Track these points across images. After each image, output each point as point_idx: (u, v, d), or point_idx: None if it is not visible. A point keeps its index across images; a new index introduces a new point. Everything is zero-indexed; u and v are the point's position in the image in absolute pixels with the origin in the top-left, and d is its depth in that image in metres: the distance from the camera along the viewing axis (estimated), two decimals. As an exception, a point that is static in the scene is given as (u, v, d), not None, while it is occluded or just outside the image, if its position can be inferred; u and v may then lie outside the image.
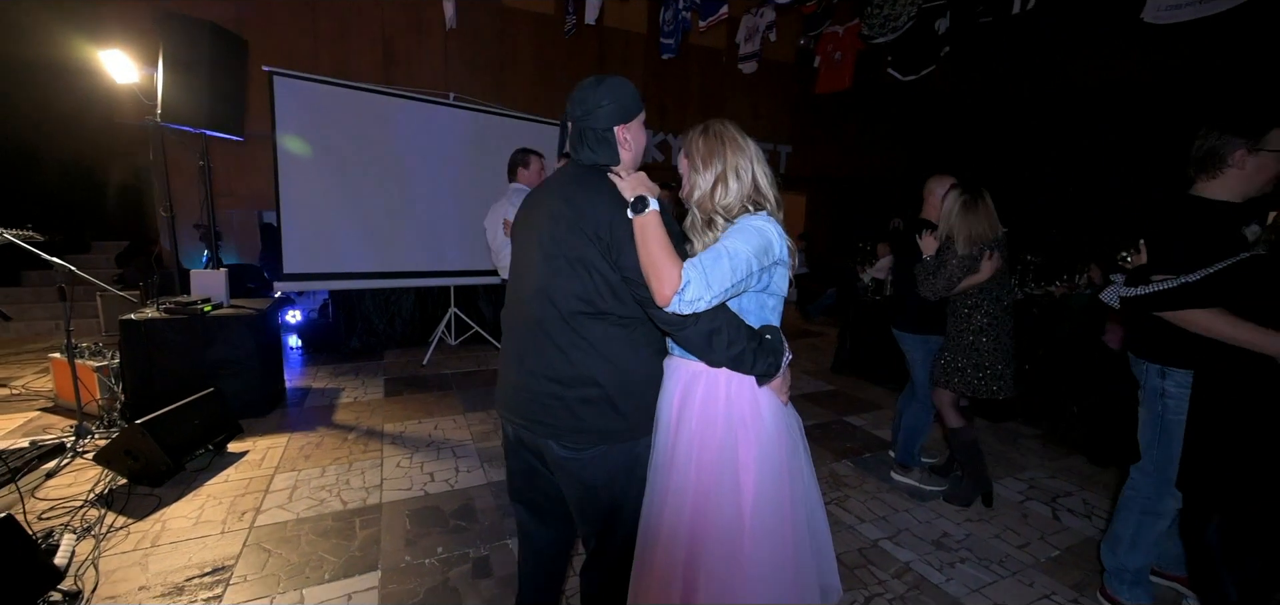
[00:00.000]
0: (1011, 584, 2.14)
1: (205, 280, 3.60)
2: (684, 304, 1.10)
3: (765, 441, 1.22)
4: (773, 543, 1.20)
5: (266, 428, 3.32)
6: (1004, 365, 2.49)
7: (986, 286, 2.48)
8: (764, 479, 1.21)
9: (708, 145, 1.28)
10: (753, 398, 1.23)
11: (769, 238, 1.20)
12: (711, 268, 1.11)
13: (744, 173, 1.27)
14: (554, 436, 1.26)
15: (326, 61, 5.40)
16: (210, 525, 2.30)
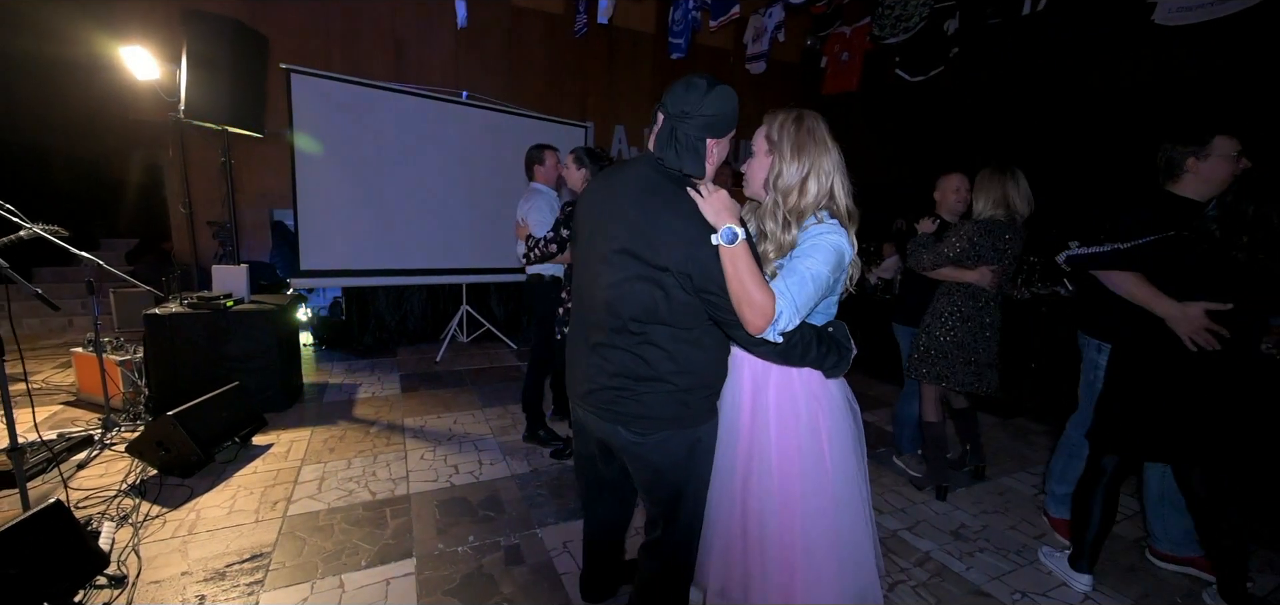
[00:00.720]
0: (1030, 572, 2.19)
1: (227, 275, 3.63)
2: (777, 332, 1.15)
3: (837, 413, 1.34)
4: (852, 511, 1.31)
5: (288, 422, 3.36)
6: (985, 361, 2.53)
7: (972, 288, 2.52)
8: (839, 448, 1.32)
9: (800, 139, 1.28)
10: (826, 388, 1.36)
11: (842, 250, 1.25)
12: (798, 294, 1.18)
13: (825, 176, 1.29)
14: (622, 423, 1.32)
15: (338, 60, 5.42)
16: (244, 514, 2.34)
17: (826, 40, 6.27)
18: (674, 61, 6.18)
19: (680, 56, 6.06)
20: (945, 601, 2.00)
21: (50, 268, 5.64)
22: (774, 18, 6.08)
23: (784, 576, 1.33)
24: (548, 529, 2.33)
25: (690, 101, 1.20)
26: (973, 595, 2.05)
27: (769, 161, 1.31)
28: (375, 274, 4.90)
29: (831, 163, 1.29)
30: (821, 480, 1.31)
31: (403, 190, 4.90)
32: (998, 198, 2.45)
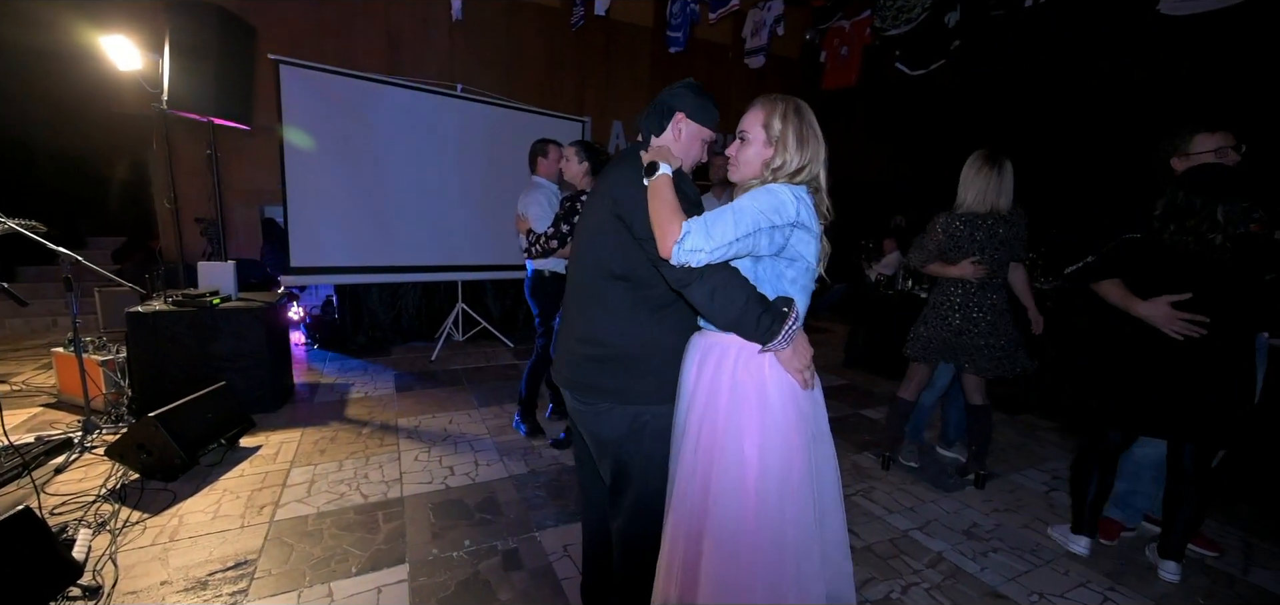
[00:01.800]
0: (1047, 572, 2.12)
1: (213, 272, 3.52)
2: (683, 253, 1.13)
3: (770, 424, 1.19)
4: (775, 527, 1.17)
5: (278, 423, 3.25)
6: (985, 346, 2.50)
7: (987, 281, 2.49)
8: (768, 461, 1.18)
9: (804, 132, 1.26)
10: (761, 377, 1.21)
11: (781, 198, 1.17)
12: (713, 221, 1.14)
13: (817, 165, 1.28)
14: (571, 389, 1.41)
15: (330, 52, 5.30)
16: (229, 519, 2.24)
17: (826, 34, 6.19)
18: (672, 55, 6.09)
19: (679, 50, 5.97)
20: (960, 603, 1.93)
21: (33, 266, 5.50)
22: (773, 11, 6.00)
23: (689, 577, 1.23)
24: (547, 532, 2.25)
25: (671, 87, 1.39)
26: (989, 597, 1.97)
27: (769, 152, 1.28)
28: (368, 271, 4.79)
29: (824, 154, 1.29)
30: (739, 484, 1.18)
31: (396, 186, 4.79)
32: (982, 192, 2.43)
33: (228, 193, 5.41)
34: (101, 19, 3.77)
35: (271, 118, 4.21)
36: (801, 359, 1.21)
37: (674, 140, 1.39)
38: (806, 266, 1.23)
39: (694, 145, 1.40)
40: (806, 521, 1.18)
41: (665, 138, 1.39)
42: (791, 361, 1.20)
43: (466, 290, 5.46)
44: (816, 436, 1.26)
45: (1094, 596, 1.98)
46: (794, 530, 1.17)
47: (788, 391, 1.21)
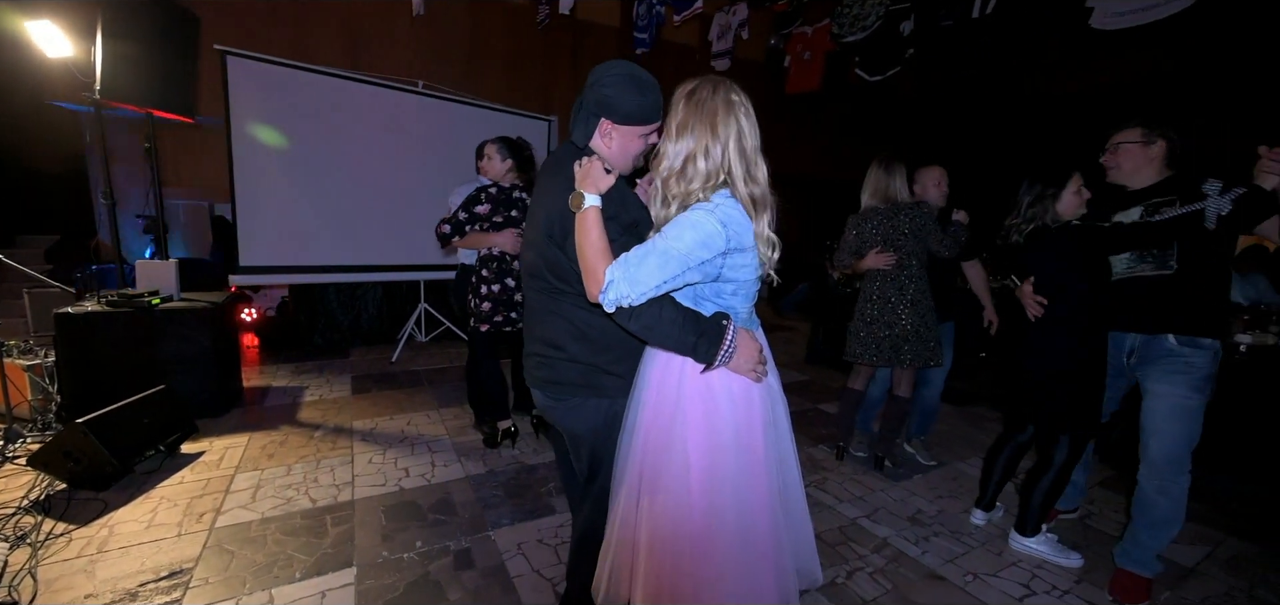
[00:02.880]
0: (981, 553, 2.23)
1: (152, 272, 3.37)
2: (607, 303, 1.09)
3: (717, 419, 1.17)
4: (723, 525, 1.16)
5: (224, 427, 3.13)
6: (903, 334, 2.63)
7: (901, 271, 2.63)
8: (716, 458, 1.16)
9: (686, 114, 1.16)
10: (709, 378, 1.19)
11: (708, 231, 1.09)
12: (636, 268, 1.07)
13: (715, 153, 1.14)
14: (539, 387, 1.40)
15: (284, 44, 5.14)
16: (165, 528, 2.14)
17: (789, 39, 6.32)
18: (639, 56, 6.12)
19: (645, 50, 6.00)
20: (901, 586, 2.00)
21: (-45, 267, 5.14)
22: (738, 16, 6.10)
23: (624, 573, 1.26)
24: (502, 531, 2.23)
25: (597, 74, 1.28)
26: (927, 578, 2.06)
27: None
28: (325, 271, 4.66)
29: (725, 140, 1.14)
30: (683, 486, 1.17)
31: (356, 183, 4.67)
32: (875, 189, 2.66)
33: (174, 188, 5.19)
34: (27, 2, 3.56)
35: (219, 111, 4.05)
36: (747, 360, 1.17)
37: (604, 146, 1.31)
38: (744, 282, 1.20)
39: (629, 146, 1.31)
40: (760, 513, 1.18)
41: (595, 143, 1.31)
42: (739, 366, 1.17)
43: (429, 290, 5.37)
44: (772, 423, 1.26)
45: (1022, 574, 2.09)
46: (745, 524, 1.17)
47: (738, 390, 1.20)
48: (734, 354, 1.15)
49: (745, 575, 1.17)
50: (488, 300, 2.77)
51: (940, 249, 2.59)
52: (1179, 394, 1.85)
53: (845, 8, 5.28)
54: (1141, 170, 1.98)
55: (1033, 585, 2.03)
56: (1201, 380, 1.83)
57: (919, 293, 2.64)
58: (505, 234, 2.71)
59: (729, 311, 1.20)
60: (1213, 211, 1.78)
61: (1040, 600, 1.95)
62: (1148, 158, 1.96)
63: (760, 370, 1.21)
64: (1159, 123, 1.97)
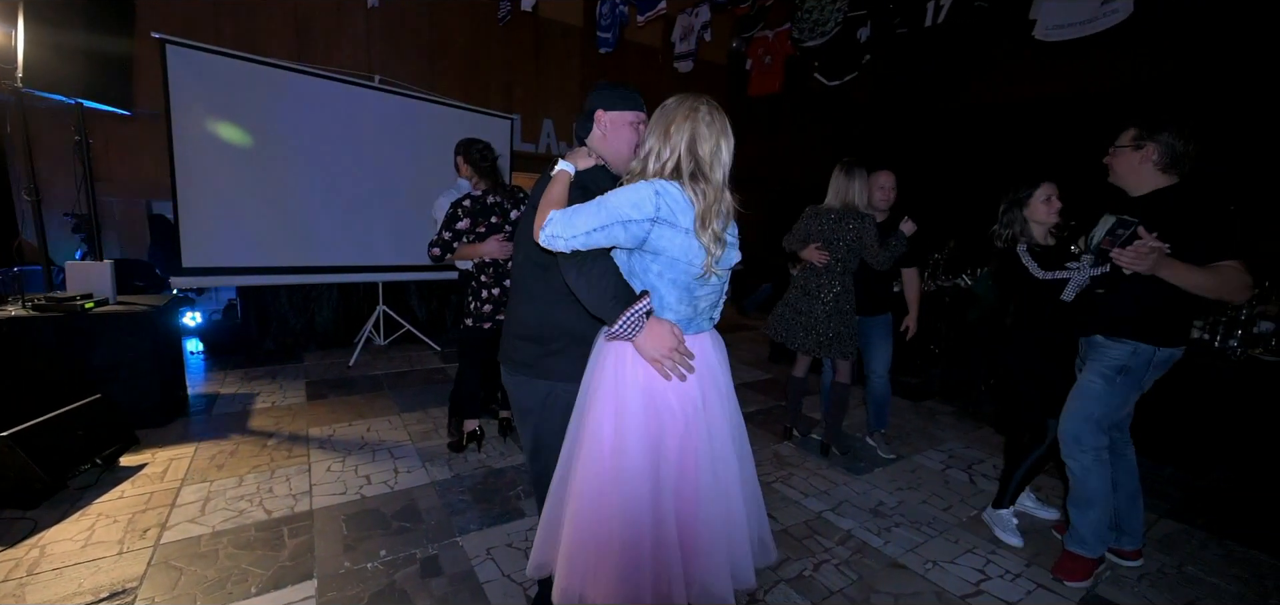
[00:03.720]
0: (940, 542, 2.33)
1: (84, 274, 3.14)
2: (545, 237, 1.21)
3: (623, 410, 1.23)
4: (623, 510, 1.21)
5: (168, 438, 2.96)
6: (826, 332, 2.80)
7: (830, 269, 2.79)
8: (622, 447, 1.22)
9: (655, 120, 1.30)
10: (622, 365, 1.26)
11: (641, 194, 1.18)
12: (573, 215, 1.20)
13: (664, 152, 1.25)
14: (503, 362, 1.56)
15: (230, 34, 4.88)
16: (104, 546, 2.01)
17: (750, 43, 6.43)
18: (602, 56, 6.10)
19: (608, 51, 5.99)
20: (866, 576, 2.07)
21: None
22: (701, 18, 6.16)
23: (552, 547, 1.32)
24: (470, 536, 2.19)
25: (595, 88, 1.51)
26: (890, 568, 2.14)
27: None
28: (276, 272, 4.44)
29: (677, 142, 1.24)
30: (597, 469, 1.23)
31: (308, 181, 4.48)
32: (836, 191, 2.81)
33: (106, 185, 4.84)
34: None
35: (158, 103, 3.82)
36: (656, 348, 1.22)
37: (601, 139, 1.50)
38: (671, 260, 1.23)
39: (621, 134, 1.48)
40: (643, 507, 1.20)
41: (593, 138, 1.51)
42: (645, 349, 1.23)
43: (388, 292, 5.20)
44: (688, 425, 1.25)
45: (978, 559, 2.20)
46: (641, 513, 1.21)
47: (642, 380, 1.25)
48: (641, 331, 1.21)
49: (621, 572, 1.20)
50: (489, 303, 2.77)
51: (875, 261, 2.73)
52: (1086, 376, 2.04)
53: (805, 13, 5.41)
54: (1134, 175, 1.93)
55: (988, 569, 2.14)
56: (1111, 368, 1.99)
57: (841, 296, 2.80)
58: (490, 242, 2.69)
59: (654, 294, 1.26)
60: (1074, 283, 2.03)
61: (995, 583, 2.06)
62: (1139, 162, 1.90)
63: (669, 364, 1.23)
64: (1153, 126, 1.88)
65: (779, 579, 2.02)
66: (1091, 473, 2.02)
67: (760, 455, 3.11)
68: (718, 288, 1.35)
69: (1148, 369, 1.95)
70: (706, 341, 1.35)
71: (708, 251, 1.23)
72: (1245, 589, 2.09)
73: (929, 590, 2.01)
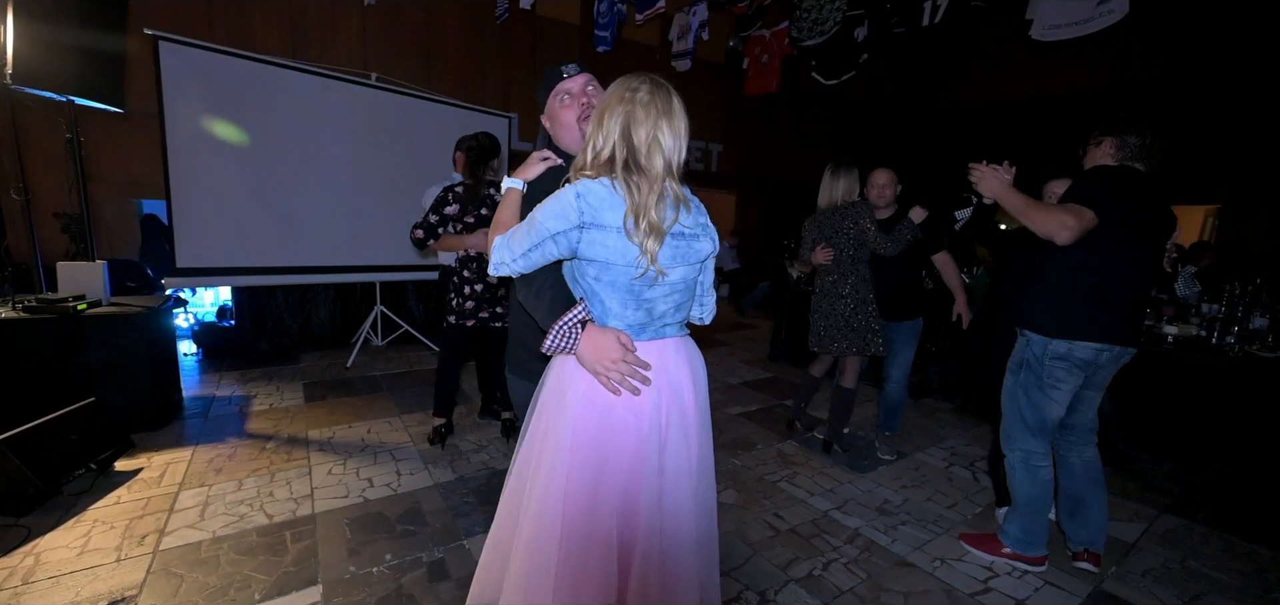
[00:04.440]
0: (946, 540, 2.33)
1: (78, 274, 3.08)
2: (492, 265, 1.20)
3: (563, 426, 1.13)
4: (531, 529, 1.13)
5: (164, 441, 2.91)
6: (844, 326, 2.84)
7: (841, 264, 2.82)
8: (556, 462, 1.13)
9: (601, 109, 1.16)
10: (558, 382, 1.17)
11: (564, 202, 1.10)
12: (514, 234, 1.18)
13: (597, 141, 1.14)
14: (507, 362, 1.54)
15: (224, 31, 4.81)
16: (101, 553, 1.97)
17: (748, 42, 6.42)
18: (600, 54, 6.08)
19: (606, 49, 5.96)
20: (874, 575, 2.07)
21: None
22: (698, 16, 6.14)
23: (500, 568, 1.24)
24: (476, 539, 2.16)
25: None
26: (898, 566, 2.14)
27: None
28: (271, 272, 4.38)
29: (609, 129, 1.13)
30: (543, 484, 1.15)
31: (304, 180, 4.42)
32: (823, 192, 2.88)
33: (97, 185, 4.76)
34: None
35: (151, 101, 3.75)
36: (598, 355, 1.11)
37: (552, 131, 1.47)
38: (605, 264, 1.12)
39: (563, 114, 1.42)
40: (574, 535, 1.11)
41: (558, 135, 1.46)
42: (585, 360, 1.13)
43: (386, 292, 5.15)
44: (639, 446, 1.14)
45: (984, 556, 2.20)
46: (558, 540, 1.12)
47: (583, 393, 1.14)
48: (576, 343, 1.12)
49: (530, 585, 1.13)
50: (471, 298, 2.77)
51: (879, 247, 2.74)
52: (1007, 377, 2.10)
53: (804, 12, 5.41)
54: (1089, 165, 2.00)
55: (995, 566, 2.14)
56: (1013, 362, 2.05)
57: (856, 286, 2.82)
58: (478, 234, 2.66)
59: (595, 300, 1.16)
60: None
61: (1003, 581, 2.06)
62: (1099, 156, 1.96)
63: (616, 374, 1.11)
64: (1107, 124, 1.95)
65: (789, 578, 2.01)
66: (1015, 472, 2.06)
67: (764, 453, 3.11)
68: (678, 288, 1.20)
69: (1046, 362, 1.90)
70: (669, 349, 1.20)
71: (642, 249, 1.10)
72: (1247, 583, 2.10)
73: (938, 588, 2.01)
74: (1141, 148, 1.90)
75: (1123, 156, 1.92)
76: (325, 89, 4.49)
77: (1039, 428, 1.99)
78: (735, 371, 4.91)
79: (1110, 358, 1.89)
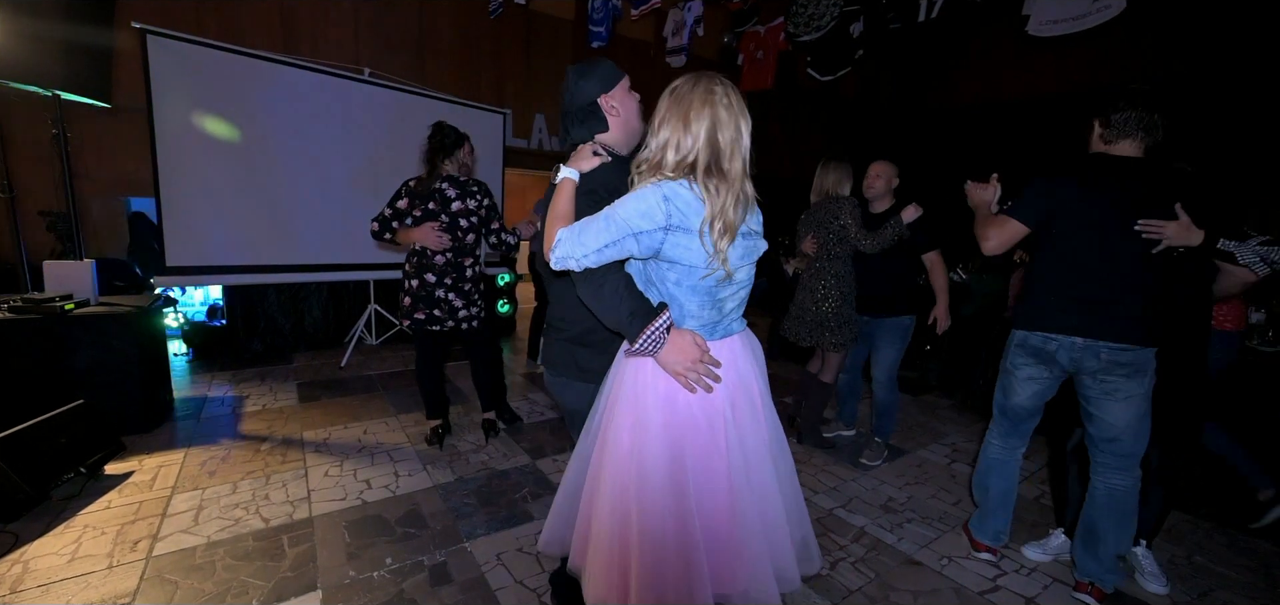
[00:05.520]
0: (953, 537, 2.32)
1: (65, 273, 3.01)
2: (555, 260, 1.16)
3: (643, 421, 1.17)
4: (635, 526, 1.16)
5: (155, 444, 2.84)
6: (815, 319, 2.88)
7: (821, 258, 2.84)
8: (643, 458, 1.16)
9: (666, 108, 1.19)
10: (644, 375, 1.19)
11: (650, 202, 1.12)
12: (582, 231, 1.14)
13: (685, 143, 1.16)
14: (546, 364, 1.51)
15: (214, 25, 4.71)
16: (92, 560, 1.91)
17: (742, 38, 6.40)
18: (594, 50, 6.02)
19: (601, 44, 5.91)
20: (883, 574, 2.06)
21: None
22: (693, 12, 6.10)
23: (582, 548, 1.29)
24: (478, 541, 2.13)
25: (569, 83, 1.41)
26: (906, 564, 2.12)
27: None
28: (263, 271, 4.31)
29: (697, 132, 1.15)
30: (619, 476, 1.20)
31: (296, 177, 4.36)
32: (815, 185, 2.94)
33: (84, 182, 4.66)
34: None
35: (139, 96, 3.67)
36: (680, 358, 1.15)
37: (618, 122, 1.40)
38: (690, 267, 1.16)
39: (631, 105, 1.42)
40: (665, 516, 1.16)
41: (611, 125, 1.39)
42: (668, 364, 1.16)
43: (379, 290, 5.09)
44: (713, 436, 1.19)
45: (991, 554, 2.19)
46: (675, 531, 1.16)
47: (662, 392, 1.18)
48: (664, 345, 1.14)
49: (646, 581, 1.16)
50: (408, 295, 2.73)
51: (861, 244, 2.68)
52: None
53: (800, 7, 5.40)
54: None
55: (1002, 564, 2.13)
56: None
57: (836, 280, 2.81)
58: (422, 228, 2.65)
59: (673, 302, 1.20)
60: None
61: (1010, 578, 2.05)
62: (1092, 144, 1.89)
63: (694, 375, 1.16)
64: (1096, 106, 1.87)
65: (796, 578, 1.99)
66: (980, 459, 2.14)
67: (766, 452, 3.09)
68: (744, 285, 1.28)
69: (1010, 349, 2.01)
70: (736, 344, 1.27)
71: (716, 250, 1.14)
72: (1255, 578, 2.11)
73: (946, 587, 2.00)
74: (1133, 122, 1.78)
75: (1111, 138, 1.82)
76: (317, 84, 4.41)
77: (1000, 411, 2.07)
78: (734, 369, 4.89)
79: (1069, 351, 1.83)
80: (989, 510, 2.13)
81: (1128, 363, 1.78)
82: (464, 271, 2.77)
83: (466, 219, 2.73)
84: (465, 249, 2.76)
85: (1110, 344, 1.78)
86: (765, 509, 1.24)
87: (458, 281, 2.75)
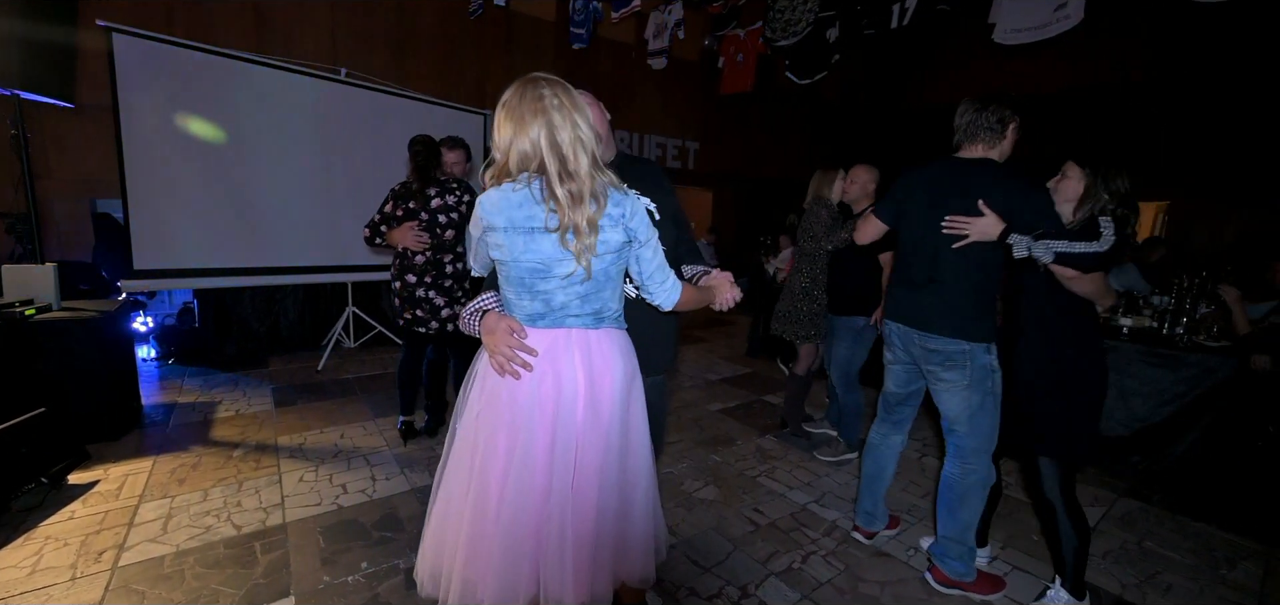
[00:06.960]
0: (920, 529, 2.40)
1: (24, 277, 2.92)
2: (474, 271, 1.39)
3: (473, 402, 1.31)
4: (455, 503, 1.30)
5: (122, 452, 2.78)
6: (787, 314, 3.15)
7: (799, 257, 3.09)
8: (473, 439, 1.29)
9: (501, 118, 1.19)
10: (477, 358, 1.35)
11: (478, 208, 1.23)
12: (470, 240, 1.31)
13: (522, 146, 1.17)
14: None
15: (184, 23, 4.61)
16: (54, 572, 1.87)
17: (723, 41, 6.47)
18: (575, 51, 6.04)
19: (582, 46, 5.94)
20: (852, 566, 2.11)
21: None
22: (674, 15, 6.16)
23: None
24: (455, 543, 2.13)
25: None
26: (874, 556, 2.19)
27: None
28: (236, 274, 4.23)
29: (535, 137, 1.16)
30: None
31: (271, 177, 4.28)
32: (813, 192, 3.08)
33: (46, 182, 4.52)
34: None
35: (105, 95, 3.58)
36: (492, 342, 1.24)
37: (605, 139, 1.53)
38: (500, 262, 1.25)
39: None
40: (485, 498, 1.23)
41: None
42: (485, 345, 1.28)
43: (358, 292, 5.03)
44: (515, 420, 1.22)
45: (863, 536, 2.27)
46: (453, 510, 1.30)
47: (479, 373, 1.32)
48: (476, 327, 1.31)
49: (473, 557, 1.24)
50: (396, 296, 2.82)
51: (825, 243, 2.95)
52: None
53: (777, 13, 5.47)
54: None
55: (965, 553, 2.20)
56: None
57: (809, 280, 3.05)
58: (402, 229, 2.70)
59: (503, 291, 1.31)
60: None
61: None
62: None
63: (500, 360, 1.21)
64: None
65: (769, 572, 2.04)
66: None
67: (743, 449, 3.14)
68: (575, 281, 1.21)
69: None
70: (560, 337, 1.24)
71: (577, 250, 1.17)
72: (1198, 560, 2.22)
73: (913, 577, 2.06)
74: (973, 126, 1.84)
75: (958, 141, 1.90)
76: (292, 83, 4.35)
77: (880, 398, 2.19)
78: (714, 368, 4.95)
79: (903, 338, 1.99)
80: (860, 493, 2.26)
81: (938, 350, 1.84)
82: (443, 268, 2.78)
83: (445, 215, 2.74)
84: (445, 246, 2.77)
85: (921, 332, 1.89)
86: (579, 506, 1.24)
87: (438, 279, 2.76)
